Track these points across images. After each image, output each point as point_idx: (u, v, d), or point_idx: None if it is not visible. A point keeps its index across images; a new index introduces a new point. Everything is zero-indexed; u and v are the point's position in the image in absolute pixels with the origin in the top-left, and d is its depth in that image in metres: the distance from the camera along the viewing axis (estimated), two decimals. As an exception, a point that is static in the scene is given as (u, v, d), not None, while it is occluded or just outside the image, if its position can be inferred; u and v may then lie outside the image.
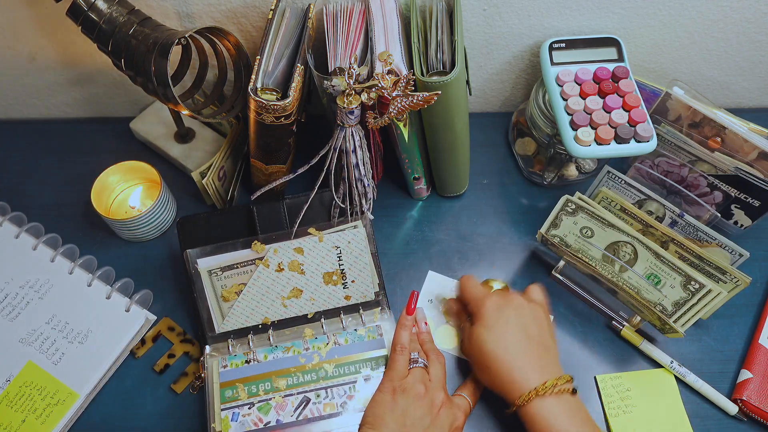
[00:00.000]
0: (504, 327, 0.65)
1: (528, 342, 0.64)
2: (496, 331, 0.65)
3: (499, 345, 0.64)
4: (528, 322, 0.66)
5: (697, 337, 0.75)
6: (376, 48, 0.66)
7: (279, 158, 0.75)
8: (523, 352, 0.63)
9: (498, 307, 0.67)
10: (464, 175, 0.82)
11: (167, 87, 0.68)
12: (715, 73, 0.88)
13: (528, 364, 0.63)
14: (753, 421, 0.69)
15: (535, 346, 0.64)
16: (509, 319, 0.65)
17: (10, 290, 0.74)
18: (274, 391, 0.68)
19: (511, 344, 0.64)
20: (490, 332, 0.65)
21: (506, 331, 0.65)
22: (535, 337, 0.65)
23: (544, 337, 0.66)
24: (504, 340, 0.64)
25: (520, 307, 0.67)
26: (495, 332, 0.65)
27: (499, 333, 0.65)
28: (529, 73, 0.88)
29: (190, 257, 0.71)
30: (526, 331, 0.65)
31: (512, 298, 0.68)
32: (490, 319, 0.66)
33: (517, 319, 0.65)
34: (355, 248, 0.73)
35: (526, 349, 0.64)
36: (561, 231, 0.73)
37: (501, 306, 0.67)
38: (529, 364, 0.63)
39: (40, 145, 0.90)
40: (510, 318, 0.65)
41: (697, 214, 0.74)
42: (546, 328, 0.67)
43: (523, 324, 0.65)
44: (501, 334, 0.64)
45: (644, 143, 0.71)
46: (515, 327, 0.65)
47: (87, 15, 0.69)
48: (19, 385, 0.69)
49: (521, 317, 0.66)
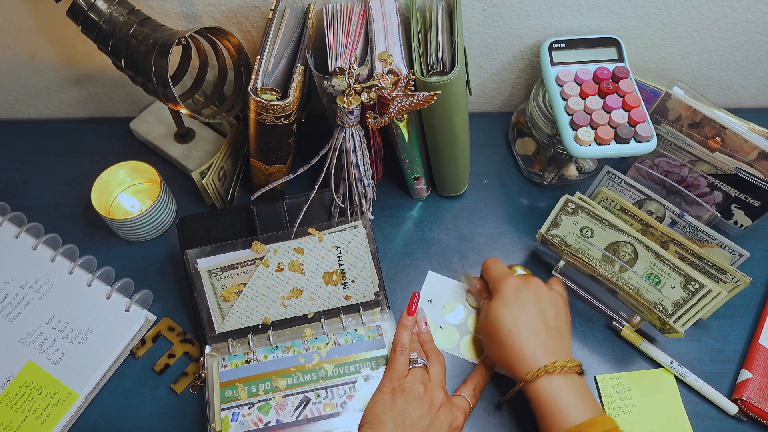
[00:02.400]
0: (521, 306, 0.66)
1: (543, 325, 0.65)
2: (512, 309, 0.66)
3: (514, 322, 0.65)
4: (546, 307, 0.67)
5: (697, 337, 0.75)
6: (376, 48, 0.66)
7: (279, 158, 0.75)
8: (537, 333, 0.64)
9: (518, 287, 0.68)
10: (464, 175, 0.82)
11: (167, 87, 0.68)
12: (715, 73, 0.88)
13: (540, 345, 0.64)
14: (753, 421, 0.69)
15: (550, 331, 0.65)
16: (527, 300, 0.67)
17: (10, 290, 0.74)
18: (274, 391, 0.68)
19: (525, 323, 0.65)
20: (507, 309, 0.66)
21: (523, 311, 0.66)
22: (551, 322, 0.66)
23: (560, 325, 0.67)
24: (520, 318, 0.65)
25: (540, 291, 0.68)
26: (512, 310, 0.66)
27: (516, 311, 0.66)
28: (529, 73, 0.88)
29: (190, 257, 0.71)
30: (542, 315, 0.66)
31: (532, 282, 0.69)
32: (509, 297, 0.67)
33: (534, 302, 0.67)
34: (355, 248, 0.73)
35: (540, 331, 0.65)
36: (561, 231, 0.73)
37: (521, 287, 0.68)
38: (542, 346, 0.64)
39: (40, 145, 0.90)
40: (528, 299, 0.67)
41: (697, 214, 0.74)
42: (563, 316, 0.68)
43: (540, 307, 0.66)
44: (517, 313, 0.66)
45: (644, 143, 0.71)
46: (532, 308, 0.66)
47: (87, 15, 0.69)
48: (19, 385, 0.69)
49: (539, 301, 0.67)
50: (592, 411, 0.60)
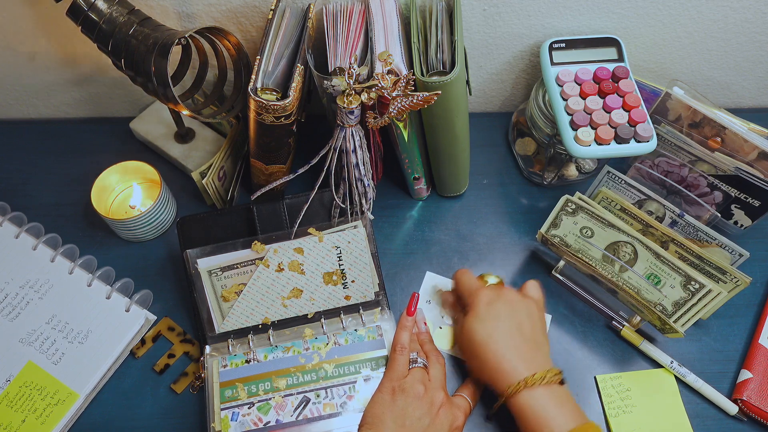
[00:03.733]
0: (495, 320, 0.65)
1: (519, 335, 0.65)
2: (486, 323, 0.65)
3: (489, 336, 0.64)
4: (521, 318, 0.66)
5: (697, 337, 0.75)
6: (376, 48, 0.66)
7: (279, 158, 0.75)
8: (513, 345, 0.64)
9: (490, 300, 0.67)
10: (464, 175, 0.82)
11: (167, 87, 0.68)
12: (715, 73, 0.88)
13: (517, 357, 0.63)
14: (753, 421, 0.69)
15: (526, 341, 0.64)
16: (500, 313, 0.66)
17: (10, 290, 0.74)
18: (274, 391, 0.68)
19: (500, 336, 0.64)
20: (481, 323, 0.65)
21: (497, 324, 0.65)
22: (527, 332, 0.65)
23: (536, 334, 0.66)
24: (494, 332, 0.65)
25: (513, 302, 0.67)
26: (485, 324, 0.65)
27: (490, 325, 0.65)
28: (529, 73, 0.88)
29: (190, 257, 0.71)
30: (517, 326, 0.65)
31: (505, 293, 0.68)
32: (481, 311, 0.66)
33: (508, 313, 0.66)
34: (355, 248, 0.73)
35: (516, 342, 0.64)
36: (561, 231, 0.73)
37: (493, 299, 0.67)
38: (519, 357, 0.63)
39: (40, 145, 0.90)
40: (501, 311, 0.66)
41: (697, 214, 0.74)
42: (539, 324, 0.67)
43: (514, 318, 0.66)
44: (492, 326, 0.65)
45: (644, 143, 0.71)
46: (506, 320, 0.65)
47: (87, 15, 0.69)
48: (19, 385, 0.69)
49: (513, 312, 0.66)
50: (576, 420, 0.60)
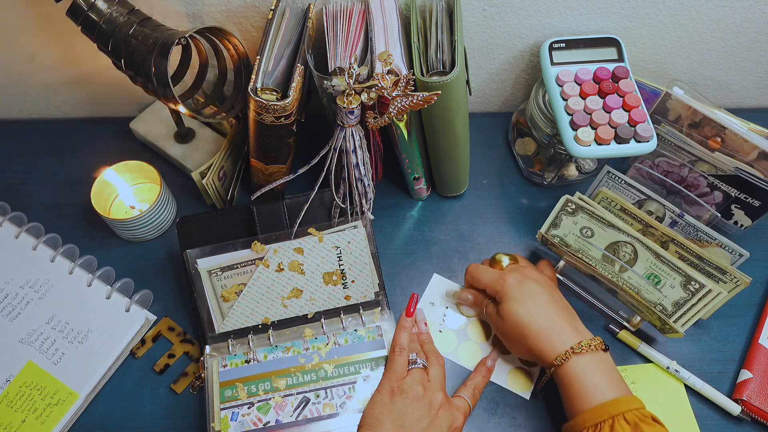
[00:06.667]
0: (530, 297, 0.67)
1: (557, 307, 0.67)
2: (524, 303, 0.67)
3: (531, 314, 0.66)
4: (550, 291, 0.69)
5: (697, 337, 0.75)
6: (376, 48, 0.66)
7: (279, 158, 0.75)
8: (557, 315, 0.66)
9: (518, 281, 0.69)
10: (464, 175, 0.82)
11: (167, 87, 0.68)
12: (715, 73, 0.88)
13: (564, 326, 0.65)
14: (753, 421, 0.69)
15: (564, 310, 0.67)
16: (533, 290, 0.68)
17: (10, 290, 0.74)
18: (274, 391, 0.68)
19: (541, 311, 0.66)
20: (519, 304, 0.67)
21: (534, 300, 0.67)
22: (560, 302, 0.68)
23: (567, 302, 0.69)
24: (535, 308, 0.66)
25: (538, 278, 0.70)
26: (524, 303, 0.67)
27: (529, 303, 0.67)
28: (529, 73, 0.87)
29: (190, 257, 0.71)
30: (551, 299, 0.67)
31: (527, 272, 0.70)
32: (515, 293, 0.68)
33: (539, 289, 0.68)
34: (355, 248, 0.73)
35: (557, 312, 0.66)
36: (561, 231, 0.73)
37: (521, 280, 0.69)
38: (566, 325, 0.65)
39: (40, 145, 0.90)
40: (533, 289, 0.68)
41: (697, 214, 0.74)
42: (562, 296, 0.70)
43: (546, 293, 0.68)
44: (530, 304, 0.67)
45: (644, 143, 0.71)
46: (540, 296, 0.67)
47: (87, 15, 0.69)
48: (19, 385, 0.69)
49: (543, 287, 0.68)
50: (619, 390, 0.61)
